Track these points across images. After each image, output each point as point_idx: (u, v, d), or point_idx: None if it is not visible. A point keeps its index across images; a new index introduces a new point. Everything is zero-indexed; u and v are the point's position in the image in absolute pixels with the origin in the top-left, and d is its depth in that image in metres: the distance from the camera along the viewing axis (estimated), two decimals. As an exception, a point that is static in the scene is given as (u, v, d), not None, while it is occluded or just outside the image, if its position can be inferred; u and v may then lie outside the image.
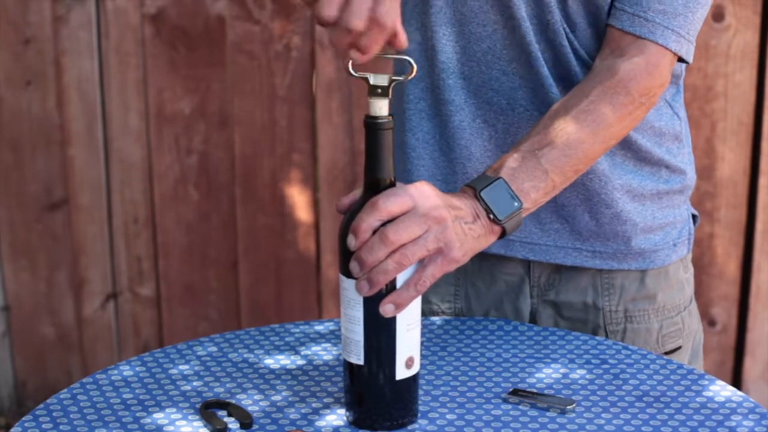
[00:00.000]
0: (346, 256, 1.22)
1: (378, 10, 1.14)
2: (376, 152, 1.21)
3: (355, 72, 1.23)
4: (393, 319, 1.22)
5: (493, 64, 1.48)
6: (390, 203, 1.20)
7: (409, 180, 1.55)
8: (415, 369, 1.26)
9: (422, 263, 1.23)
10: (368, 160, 1.22)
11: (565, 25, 1.44)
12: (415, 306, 1.24)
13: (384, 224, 1.20)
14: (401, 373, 1.24)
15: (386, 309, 1.21)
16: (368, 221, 1.20)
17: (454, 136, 1.52)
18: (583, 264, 1.53)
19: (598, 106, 1.37)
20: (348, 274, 1.22)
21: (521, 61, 1.47)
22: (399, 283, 1.22)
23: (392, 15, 1.15)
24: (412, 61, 1.23)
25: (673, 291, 1.57)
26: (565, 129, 1.35)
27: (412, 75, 1.23)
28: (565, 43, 1.44)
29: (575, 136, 1.35)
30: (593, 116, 1.37)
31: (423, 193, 1.22)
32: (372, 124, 1.21)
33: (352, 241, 1.21)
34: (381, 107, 1.21)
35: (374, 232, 1.20)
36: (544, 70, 1.45)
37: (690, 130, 1.62)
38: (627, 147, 1.50)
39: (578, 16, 1.44)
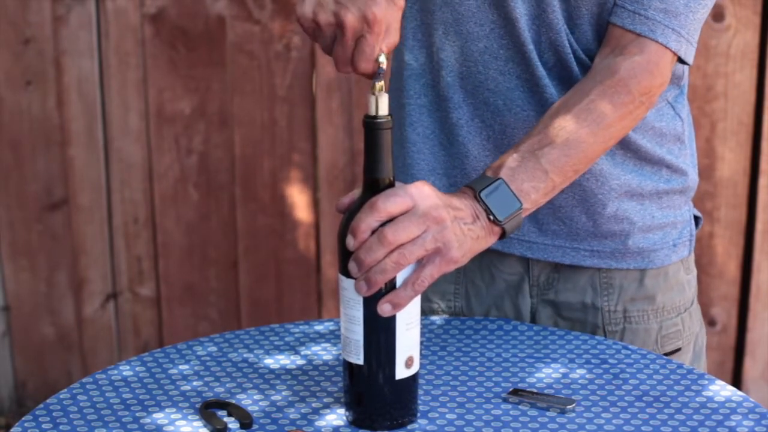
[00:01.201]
0: (345, 256, 1.22)
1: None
2: (375, 152, 1.21)
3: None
4: (393, 319, 1.22)
5: (490, 63, 1.48)
6: (389, 203, 1.20)
7: (409, 174, 1.55)
8: (415, 368, 1.26)
9: (421, 263, 1.23)
10: (367, 160, 1.22)
11: (565, 26, 1.44)
12: (415, 305, 1.24)
13: (383, 224, 1.20)
14: (401, 372, 1.24)
15: (384, 308, 1.21)
16: (367, 221, 1.20)
17: (453, 132, 1.52)
18: (581, 263, 1.53)
19: (599, 105, 1.37)
20: (347, 274, 1.22)
21: (517, 60, 1.46)
22: (399, 283, 1.22)
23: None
24: (382, 57, 1.24)
25: (673, 292, 1.57)
26: (565, 128, 1.35)
27: (382, 69, 1.24)
28: (566, 43, 1.44)
29: (575, 136, 1.35)
30: (593, 115, 1.37)
31: (422, 194, 1.22)
32: (371, 124, 1.21)
33: (350, 241, 1.21)
34: (380, 107, 1.21)
35: (373, 232, 1.20)
36: (541, 71, 1.45)
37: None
38: (627, 147, 1.50)
39: (581, 16, 1.44)
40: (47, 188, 2.98)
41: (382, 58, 1.23)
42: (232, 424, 1.27)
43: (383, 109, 1.21)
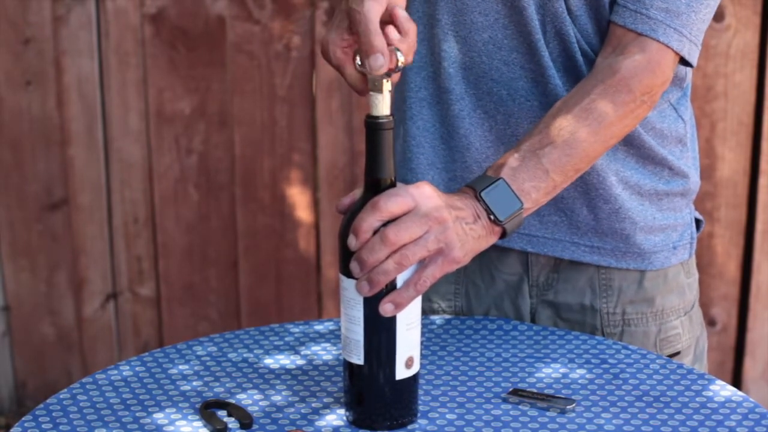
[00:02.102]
0: (346, 256, 1.22)
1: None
2: (377, 152, 1.21)
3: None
4: (393, 319, 1.22)
5: (494, 54, 1.48)
6: (391, 203, 1.20)
7: (408, 168, 1.55)
8: (415, 369, 1.26)
9: (423, 263, 1.23)
10: (368, 160, 1.22)
11: (568, 16, 1.44)
12: (415, 306, 1.24)
13: (384, 224, 1.20)
14: (401, 372, 1.24)
15: (385, 308, 1.21)
16: (369, 221, 1.20)
17: (454, 125, 1.52)
18: (581, 259, 1.53)
19: (600, 104, 1.37)
20: (348, 274, 1.22)
21: (522, 50, 1.46)
22: (399, 283, 1.22)
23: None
24: (399, 54, 1.23)
25: (673, 295, 1.57)
26: (566, 128, 1.35)
27: (400, 66, 1.23)
28: (571, 32, 1.44)
29: (576, 135, 1.35)
30: (594, 115, 1.37)
31: (424, 194, 1.22)
32: (372, 124, 1.21)
33: (352, 241, 1.21)
34: (382, 107, 1.21)
35: (375, 232, 1.20)
36: (547, 60, 1.45)
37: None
38: (629, 143, 1.50)
39: (579, 7, 1.44)
40: (47, 188, 2.98)
41: (401, 56, 1.23)
42: (232, 424, 1.27)
43: (385, 109, 1.21)
